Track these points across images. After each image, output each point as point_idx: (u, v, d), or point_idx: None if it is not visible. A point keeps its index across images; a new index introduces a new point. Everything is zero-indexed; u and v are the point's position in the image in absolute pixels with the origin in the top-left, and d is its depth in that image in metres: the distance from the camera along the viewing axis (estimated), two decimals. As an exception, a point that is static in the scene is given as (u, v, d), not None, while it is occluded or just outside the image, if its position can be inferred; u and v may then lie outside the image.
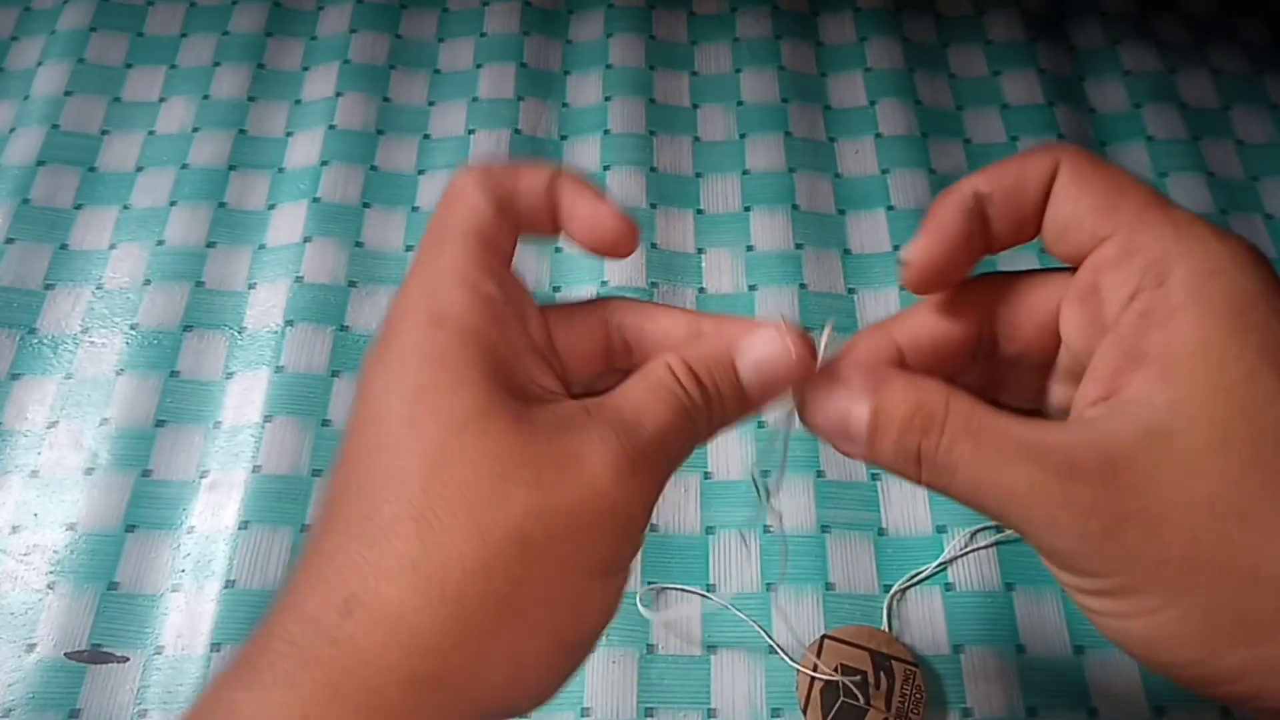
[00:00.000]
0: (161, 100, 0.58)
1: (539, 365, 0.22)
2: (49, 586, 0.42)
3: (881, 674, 0.39)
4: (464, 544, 0.19)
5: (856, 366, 0.23)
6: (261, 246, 0.52)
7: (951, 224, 0.22)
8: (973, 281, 0.24)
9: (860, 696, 0.38)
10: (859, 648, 0.40)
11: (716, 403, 0.23)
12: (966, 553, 0.43)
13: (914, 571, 0.43)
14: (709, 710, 0.40)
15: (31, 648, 0.41)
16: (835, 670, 0.39)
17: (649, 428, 0.21)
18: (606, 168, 0.55)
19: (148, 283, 0.51)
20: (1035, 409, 0.25)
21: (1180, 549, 0.19)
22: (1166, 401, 0.19)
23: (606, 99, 0.58)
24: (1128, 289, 0.20)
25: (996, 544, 0.43)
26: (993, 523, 0.44)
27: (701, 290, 0.51)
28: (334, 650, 0.18)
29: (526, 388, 0.21)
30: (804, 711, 0.39)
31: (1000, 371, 0.25)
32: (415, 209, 0.54)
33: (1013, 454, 0.20)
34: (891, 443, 0.22)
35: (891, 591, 0.42)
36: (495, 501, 0.19)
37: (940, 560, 0.43)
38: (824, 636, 0.40)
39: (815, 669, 0.39)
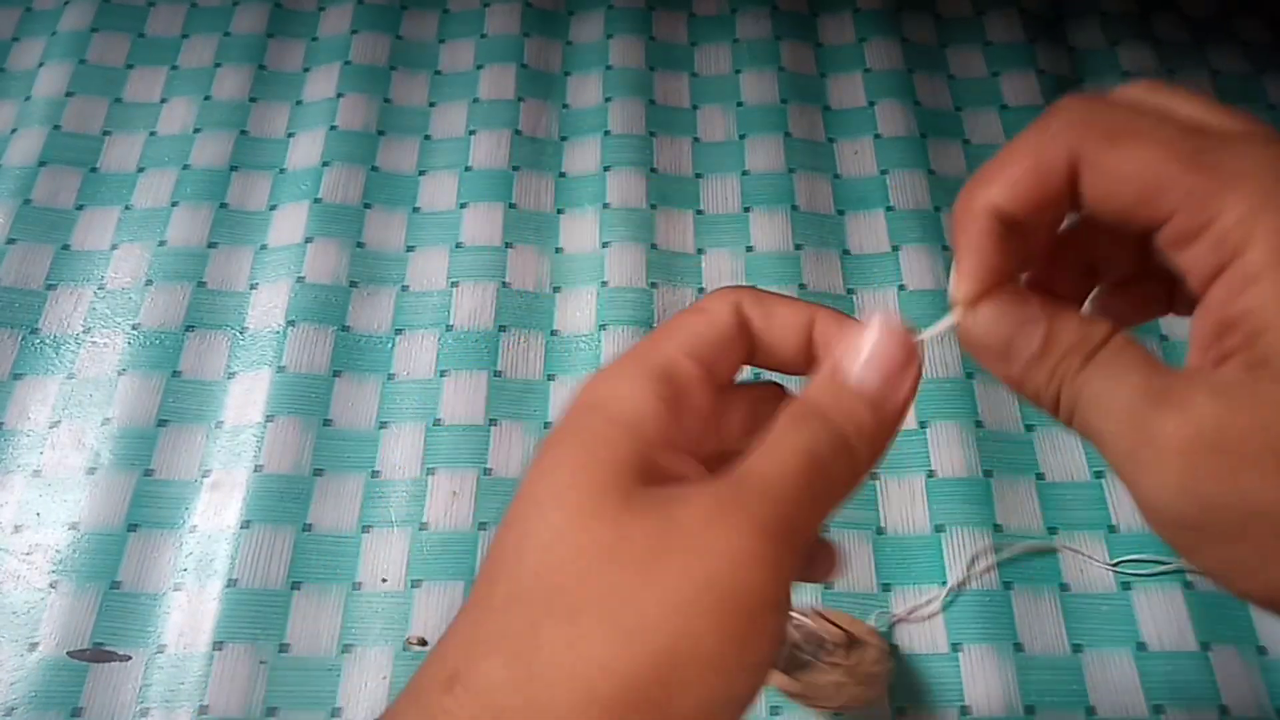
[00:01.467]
0: (163, 101, 0.58)
1: (691, 465, 0.21)
2: (51, 585, 0.43)
3: (850, 649, 0.39)
4: (554, 625, 0.19)
5: (1028, 294, 0.22)
6: (263, 247, 0.53)
7: (991, 253, 0.22)
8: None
9: (809, 652, 0.39)
10: (839, 628, 0.40)
11: (848, 424, 0.21)
12: (966, 580, 0.43)
13: (914, 605, 0.43)
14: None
15: (34, 646, 0.41)
16: (797, 628, 0.40)
17: (756, 475, 0.20)
18: (607, 168, 0.55)
19: (149, 283, 0.51)
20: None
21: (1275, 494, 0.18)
22: (1259, 365, 0.18)
23: (607, 100, 0.58)
24: (1205, 267, 0.19)
25: (997, 565, 0.43)
26: (993, 555, 0.44)
27: (701, 290, 0.51)
28: None
29: (671, 481, 0.20)
30: None
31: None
32: (416, 209, 0.54)
33: (1131, 372, 0.20)
34: (1047, 369, 0.21)
35: (892, 618, 0.42)
36: (589, 583, 0.19)
37: (946, 589, 0.43)
38: (814, 610, 0.41)
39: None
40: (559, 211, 0.54)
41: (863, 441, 0.21)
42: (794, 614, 0.40)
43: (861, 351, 0.22)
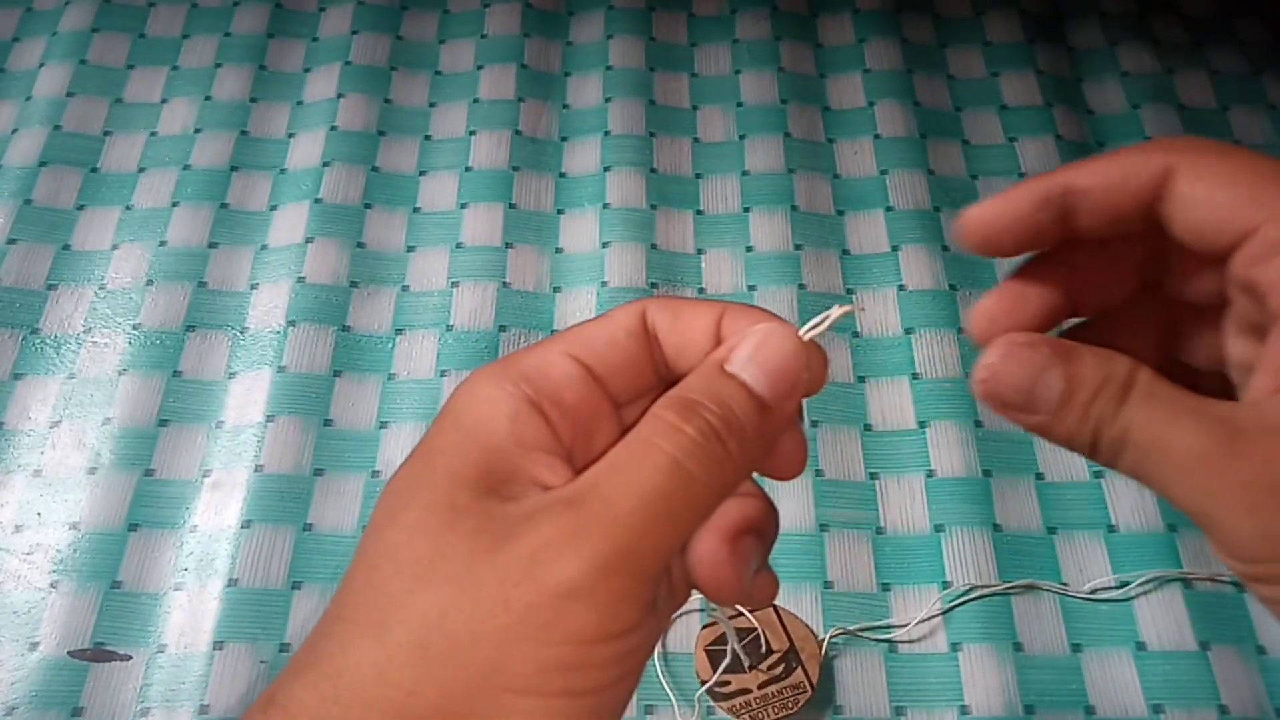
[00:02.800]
0: (163, 101, 0.58)
1: (550, 465, 0.20)
2: (52, 585, 0.43)
3: (782, 666, 0.40)
4: (363, 646, 0.18)
5: (1041, 339, 0.21)
6: (263, 247, 0.53)
7: (1021, 204, 0.21)
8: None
9: (744, 658, 0.40)
10: (789, 636, 0.40)
11: (722, 423, 0.19)
12: (958, 605, 0.43)
13: (909, 620, 0.43)
14: (709, 706, 0.40)
15: (35, 646, 0.41)
16: (747, 630, 0.40)
17: (599, 498, 0.18)
18: (607, 169, 0.55)
19: (150, 283, 0.51)
20: (1217, 371, 0.24)
21: None
22: None
23: (607, 100, 0.58)
24: None
25: (991, 595, 0.43)
26: (991, 586, 0.44)
27: (701, 291, 0.51)
28: None
29: (515, 487, 0.19)
30: (698, 643, 0.41)
31: (1175, 317, 0.24)
32: (416, 209, 0.54)
33: (1183, 414, 0.19)
34: (1078, 412, 0.21)
35: (893, 636, 0.42)
36: (401, 603, 0.18)
37: (939, 611, 0.43)
38: (777, 608, 0.41)
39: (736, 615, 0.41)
40: (559, 211, 0.54)
41: (737, 440, 0.19)
42: (746, 613, 0.40)
43: (750, 343, 0.20)
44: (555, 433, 0.20)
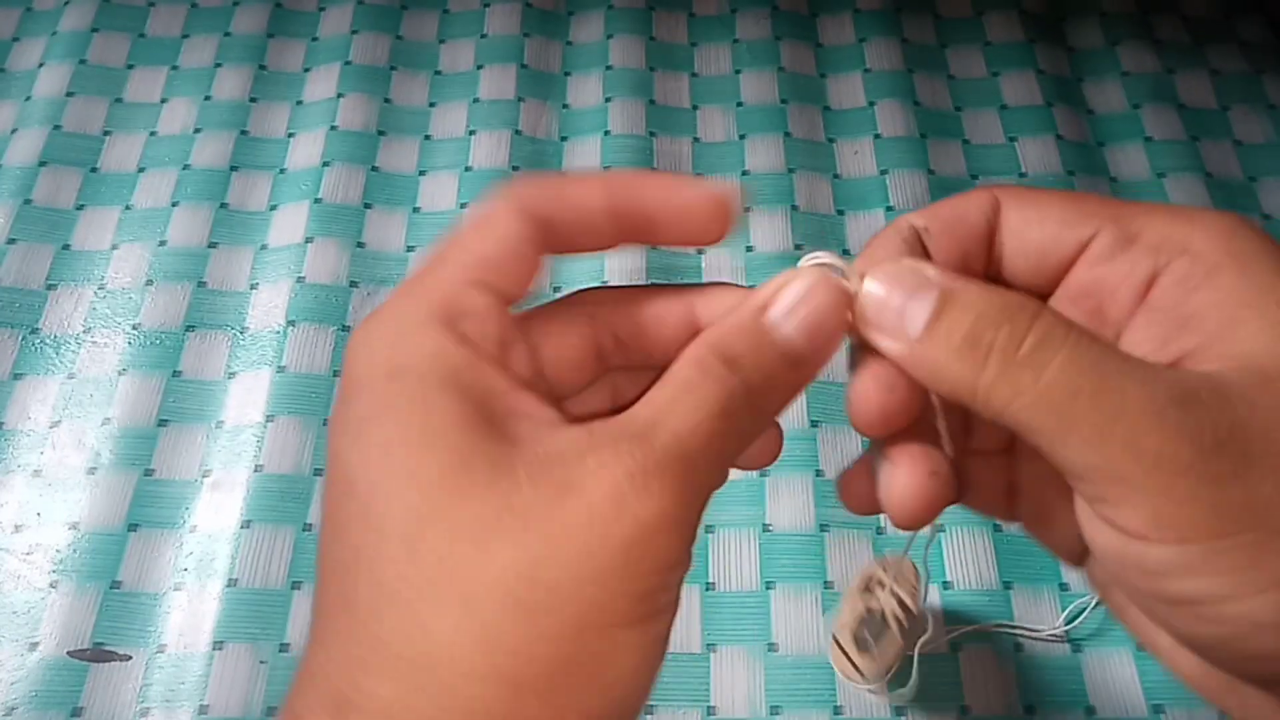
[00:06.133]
0: (163, 101, 0.58)
1: (530, 400, 0.19)
2: (52, 585, 0.43)
3: (909, 626, 0.39)
4: (449, 621, 0.16)
5: (929, 265, 0.20)
6: (263, 247, 0.53)
7: (889, 248, 0.22)
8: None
9: (885, 625, 0.39)
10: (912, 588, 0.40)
11: (762, 379, 0.19)
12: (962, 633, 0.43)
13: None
14: (709, 708, 0.40)
15: (34, 646, 0.41)
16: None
17: (667, 432, 0.18)
18: (607, 168, 0.55)
19: (150, 283, 0.51)
20: None
21: None
22: (1252, 349, 0.18)
23: (607, 100, 0.58)
24: (1143, 269, 0.20)
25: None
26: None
27: (701, 290, 0.51)
28: None
29: (516, 426, 0.18)
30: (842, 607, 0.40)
31: None
32: (416, 209, 0.54)
33: (1125, 364, 0.18)
34: (960, 334, 0.18)
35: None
36: (478, 566, 0.17)
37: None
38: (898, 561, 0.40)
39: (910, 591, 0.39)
40: (559, 211, 0.54)
41: (773, 399, 0.20)
42: (888, 585, 0.39)
43: (792, 294, 0.20)
44: (504, 366, 0.20)
